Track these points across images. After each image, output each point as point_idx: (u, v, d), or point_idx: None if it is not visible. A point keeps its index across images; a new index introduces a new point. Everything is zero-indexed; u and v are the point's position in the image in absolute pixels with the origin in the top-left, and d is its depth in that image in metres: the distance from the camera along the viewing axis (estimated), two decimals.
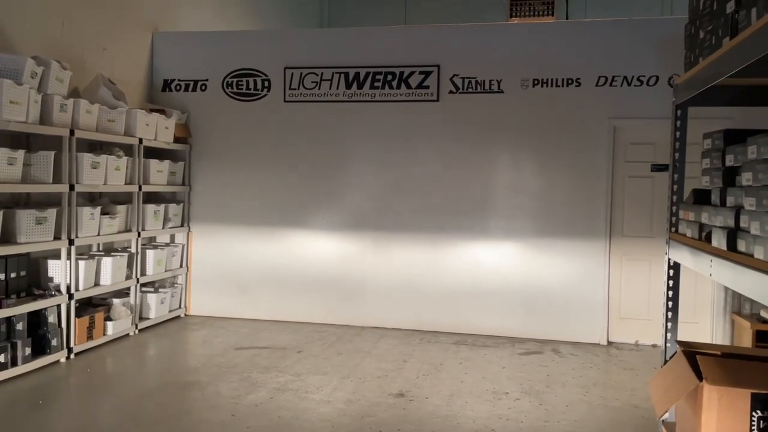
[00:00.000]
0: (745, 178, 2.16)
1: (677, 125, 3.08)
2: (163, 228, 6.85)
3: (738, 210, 2.24)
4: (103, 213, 5.93)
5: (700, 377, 2.45)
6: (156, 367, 5.63)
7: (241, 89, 7.12)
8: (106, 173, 5.85)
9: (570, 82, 6.39)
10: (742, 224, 2.19)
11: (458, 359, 5.73)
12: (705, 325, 6.07)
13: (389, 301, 6.82)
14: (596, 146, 6.37)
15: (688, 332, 4.53)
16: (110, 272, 5.95)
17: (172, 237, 7.30)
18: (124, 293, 6.33)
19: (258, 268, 7.11)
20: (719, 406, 2.39)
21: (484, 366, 5.54)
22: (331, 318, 6.93)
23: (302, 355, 5.75)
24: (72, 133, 5.39)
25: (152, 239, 7.16)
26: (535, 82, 6.47)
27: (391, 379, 5.09)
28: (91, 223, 5.71)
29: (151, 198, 6.88)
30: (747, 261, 2.06)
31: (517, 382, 5.12)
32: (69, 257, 5.43)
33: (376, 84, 6.77)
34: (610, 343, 6.38)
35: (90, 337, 5.68)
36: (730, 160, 2.47)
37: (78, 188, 5.50)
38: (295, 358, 5.63)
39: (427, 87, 6.67)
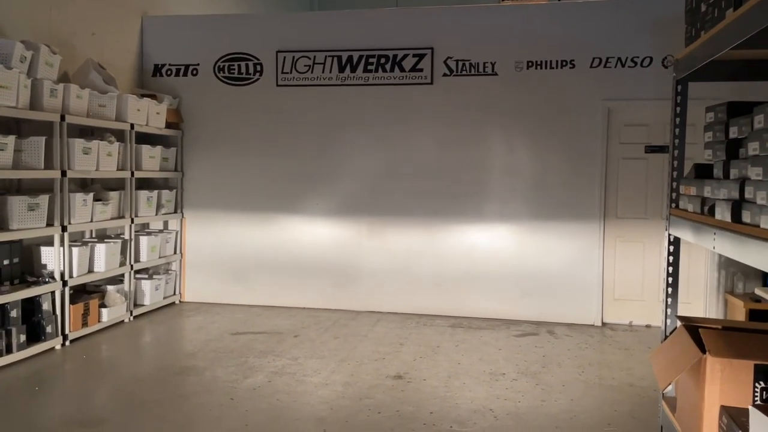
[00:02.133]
0: (752, 148, 2.16)
1: (677, 101, 3.07)
2: (156, 214, 6.79)
3: (743, 181, 2.24)
4: (96, 199, 5.87)
5: (702, 350, 2.46)
6: (152, 353, 5.61)
7: (233, 73, 7.04)
8: (98, 159, 5.79)
9: (564, 63, 6.38)
10: (747, 195, 2.19)
11: (455, 341, 5.74)
12: (698, 305, 6.12)
13: (385, 285, 6.81)
14: (590, 128, 6.37)
15: (682, 312, 4.55)
16: (104, 259, 5.90)
17: (166, 223, 7.25)
18: (118, 280, 6.30)
19: (253, 253, 7.07)
20: (722, 378, 2.41)
21: (481, 348, 5.56)
22: (327, 303, 6.92)
23: (299, 339, 5.74)
24: (63, 118, 5.32)
25: (145, 226, 7.10)
26: (530, 64, 6.45)
27: (389, 362, 5.10)
28: (83, 210, 5.66)
29: (144, 184, 6.82)
30: (753, 231, 2.06)
31: (514, 363, 5.14)
32: (62, 244, 5.38)
33: (369, 67, 6.72)
34: (604, 324, 6.42)
35: (85, 324, 5.64)
36: (733, 133, 2.47)
37: (70, 174, 5.44)
38: (291, 343, 5.62)
39: (421, 70, 6.63)
